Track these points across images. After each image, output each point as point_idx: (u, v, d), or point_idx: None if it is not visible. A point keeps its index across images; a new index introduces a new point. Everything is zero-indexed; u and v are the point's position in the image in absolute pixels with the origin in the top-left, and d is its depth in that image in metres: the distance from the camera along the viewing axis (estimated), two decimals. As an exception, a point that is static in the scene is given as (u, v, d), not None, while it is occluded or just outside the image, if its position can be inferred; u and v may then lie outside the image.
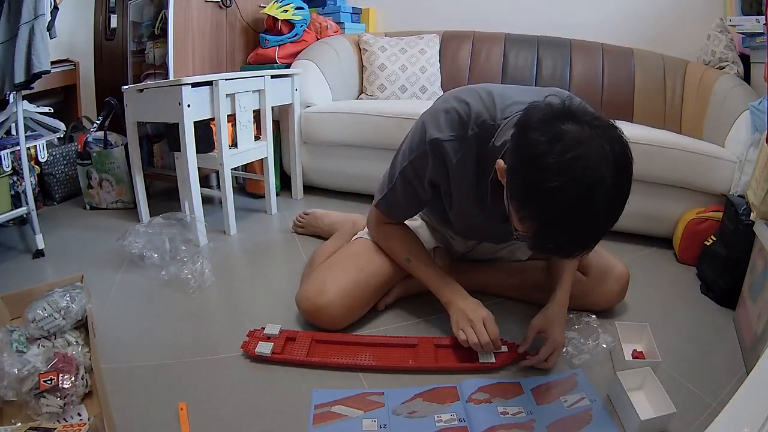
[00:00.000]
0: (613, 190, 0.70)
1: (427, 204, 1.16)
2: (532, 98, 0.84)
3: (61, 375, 0.88)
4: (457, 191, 1.04)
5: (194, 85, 1.56)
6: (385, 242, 1.21)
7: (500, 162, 0.83)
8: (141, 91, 1.68)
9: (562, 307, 1.09)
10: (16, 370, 0.87)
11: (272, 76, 1.89)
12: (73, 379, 0.89)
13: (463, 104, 0.96)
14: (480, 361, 1.02)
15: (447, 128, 0.97)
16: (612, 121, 0.75)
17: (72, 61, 2.39)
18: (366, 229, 1.33)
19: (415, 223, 1.35)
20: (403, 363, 1.04)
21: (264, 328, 1.12)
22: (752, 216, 1.20)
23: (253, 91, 1.82)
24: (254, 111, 1.85)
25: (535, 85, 2.27)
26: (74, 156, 2.10)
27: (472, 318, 1.03)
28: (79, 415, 0.88)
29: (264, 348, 1.04)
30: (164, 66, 1.97)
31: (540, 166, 0.70)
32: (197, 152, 1.62)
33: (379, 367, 1.03)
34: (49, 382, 0.86)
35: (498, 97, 0.95)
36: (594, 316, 1.14)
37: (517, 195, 0.76)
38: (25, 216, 1.62)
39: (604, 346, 1.07)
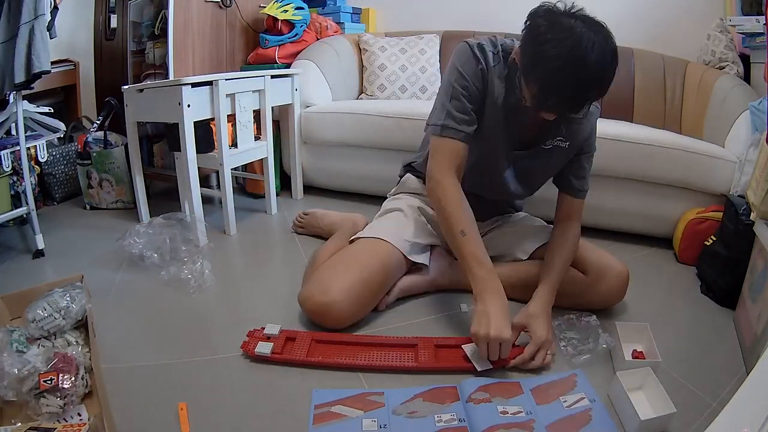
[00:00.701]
0: (598, 62, 0.90)
1: (475, 122, 1.14)
2: None
3: (61, 375, 0.88)
4: (489, 109, 1.14)
5: (194, 85, 1.56)
6: (442, 203, 1.12)
7: (517, 48, 1.03)
8: (141, 91, 1.68)
9: (543, 303, 1.10)
10: (16, 370, 0.87)
11: (272, 76, 1.89)
12: (73, 379, 0.89)
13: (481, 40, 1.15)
14: (478, 370, 1.01)
15: (477, 41, 1.14)
16: (603, 23, 0.96)
17: (72, 61, 2.39)
18: (366, 229, 1.33)
19: (419, 218, 1.35)
20: (404, 363, 1.04)
21: (264, 328, 1.11)
22: (752, 216, 1.20)
23: (253, 91, 1.82)
24: (254, 111, 1.85)
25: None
26: (74, 156, 2.10)
27: (494, 337, 0.98)
28: (79, 415, 0.88)
29: (264, 348, 1.04)
30: (164, 66, 1.97)
31: (541, 41, 0.92)
32: (197, 152, 1.62)
33: (379, 367, 1.03)
34: (49, 382, 0.86)
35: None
36: (594, 315, 1.14)
37: (524, 65, 0.97)
38: (25, 216, 1.62)
39: (604, 346, 1.07)
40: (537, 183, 1.31)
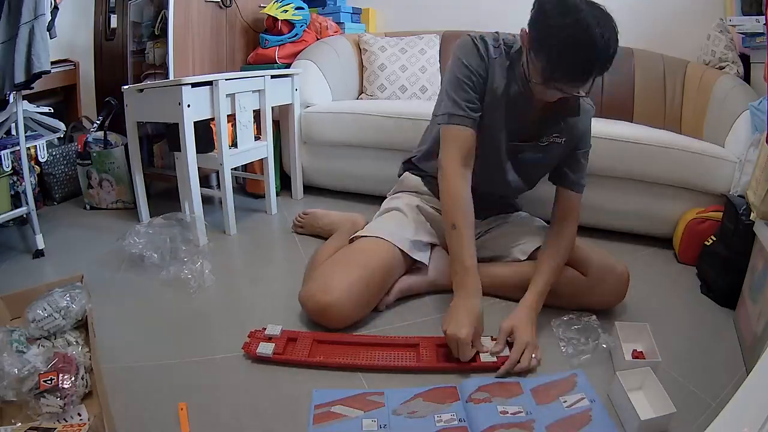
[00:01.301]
0: (604, 36, 0.94)
1: (480, 109, 1.16)
2: None
3: (61, 375, 0.88)
4: (490, 99, 1.16)
5: (194, 85, 1.56)
6: (443, 195, 1.15)
7: (523, 28, 1.04)
8: (141, 91, 1.68)
9: (529, 308, 1.12)
10: (16, 370, 0.87)
11: (272, 76, 1.89)
12: (73, 379, 0.89)
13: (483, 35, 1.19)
14: (482, 360, 1.02)
15: (480, 37, 1.17)
16: (604, 7, 0.98)
17: (72, 61, 2.39)
18: (365, 228, 1.33)
19: (418, 217, 1.35)
20: (405, 363, 1.04)
21: (265, 329, 1.11)
22: (752, 216, 1.20)
23: (253, 91, 1.82)
24: (254, 111, 1.85)
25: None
26: (74, 156, 2.10)
27: (450, 335, 1.01)
28: (79, 415, 0.88)
29: (265, 348, 1.04)
30: (164, 66, 1.97)
31: (550, 16, 0.96)
32: (197, 152, 1.62)
33: (380, 366, 1.03)
34: (49, 382, 0.86)
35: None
36: (594, 315, 1.14)
37: (533, 39, 1.00)
38: (25, 216, 1.62)
39: (604, 346, 1.07)
40: (535, 177, 1.31)
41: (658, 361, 1.00)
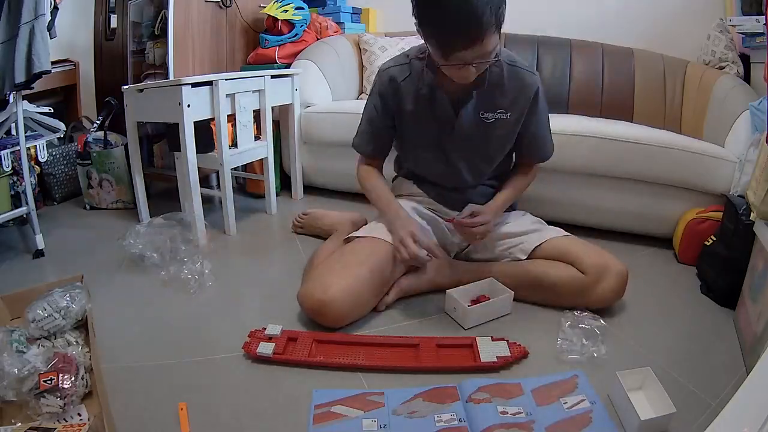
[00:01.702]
0: None
1: (388, 136, 1.37)
2: None
3: (61, 375, 0.88)
4: (410, 114, 1.28)
5: (194, 85, 1.56)
6: (361, 183, 1.42)
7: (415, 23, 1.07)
8: (141, 91, 1.68)
9: (495, 207, 1.31)
10: (16, 370, 0.87)
11: (272, 76, 1.89)
12: (73, 379, 0.89)
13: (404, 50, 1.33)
14: (482, 360, 1.03)
15: (391, 61, 1.31)
16: None
17: (72, 61, 2.39)
18: (362, 229, 1.33)
19: (416, 218, 1.35)
20: (405, 363, 1.04)
21: (265, 329, 1.12)
22: (752, 216, 1.20)
23: (253, 91, 1.82)
24: (254, 111, 1.85)
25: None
26: (74, 156, 2.10)
27: (402, 235, 1.19)
28: (79, 415, 0.88)
29: (266, 348, 1.04)
30: (164, 66, 1.97)
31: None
32: (197, 152, 1.62)
33: (381, 367, 1.03)
34: (49, 382, 0.86)
35: None
36: (597, 316, 1.14)
37: (418, 28, 1.06)
38: (25, 216, 1.62)
39: (605, 347, 1.07)
40: (488, 158, 1.35)
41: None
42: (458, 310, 1.20)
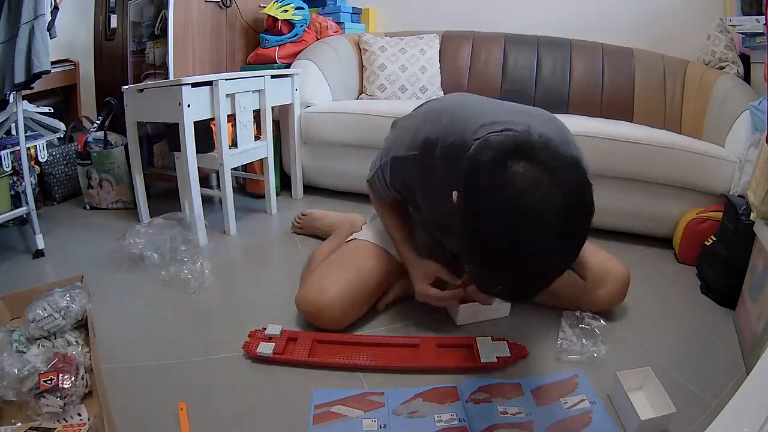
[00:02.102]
0: (556, 243, 0.66)
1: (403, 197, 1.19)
2: (511, 118, 0.87)
3: (61, 375, 0.88)
4: (425, 201, 1.12)
5: (194, 85, 1.56)
6: (383, 221, 1.26)
7: (455, 193, 0.77)
8: (141, 91, 1.68)
9: None
10: (16, 370, 0.87)
11: (272, 76, 1.88)
12: (73, 379, 0.89)
13: (433, 125, 0.98)
14: (482, 360, 1.03)
15: (413, 147, 1.01)
16: (578, 156, 0.72)
17: (72, 61, 2.39)
18: (362, 229, 1.33)
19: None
20: (406, 363, 1.04)
21: (265, 329, 1.12)
22: (752, 216, 1.20)
23: (253, 91, 1.82)
24: (254, 111, 1.85)
25: (535, 86, 2.27)
26: (74, 156, 2.09)
27: (429, 271, 1.13)
28: (79, 415, 0.88)
29: (266, 348, 1.04)
30: (164, 66, 1.97)
31: (476, 214, 0.68)
32: (197, 152, 1.62)
33: (381, 367, 1.03)
34: (49, 382, 0.86)
35: (473, 116, 0.95)
36: (598, 316, 1.14)
37: (463, 242, 0.74)
38: (25, 216, 1.62)
39: (605, 347, 1.07)
40: None
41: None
42: (451, 306, 1.20)
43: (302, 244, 1.67)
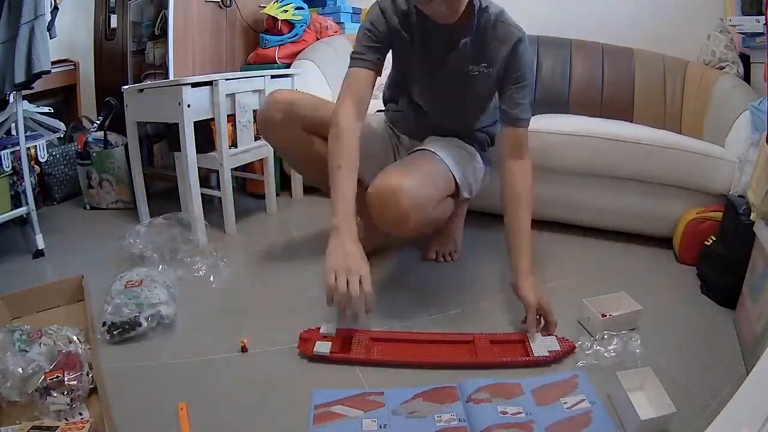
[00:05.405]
0: None
1: (381, 52, 1.27)
2: None
3: (66, 372, 0.88)
4: (403, 45, 1.27)
5: (194, 85, 1.56)
6: (330, 136, 1.18)
7: None
8: (141, 91, 1.68)
9: (524, 273, 1.16)
10: (20, 369, 0.88)
11: (272, 76, 1.89)
12: (79, 374, 0.89)
13: None
14: (535, 355, 1.04)
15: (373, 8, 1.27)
16: None
17: (72, 61, 2.39)
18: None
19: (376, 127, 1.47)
20: (464, 359, 1.05)
21: (319, 328, 1.11)
22: (752, 216, 1.20)
23: (253, 91, 1.82)
24: (254, 111, 1.85)
25: (535, 86, 2.27)
26: (74, 156, 2.10)
27: (351, 267, 1.03)
28: (80, 414, 0.88)
29: (323, 347, 1.05)
30: (164, 66, 1.97)
31: None
32: (197, 152, 1.62)
33: (438, 363, 1.04)
34: (56, 379, 0.86)
35: None
36: (639, 339, 1.13)
37: None
38: (25, 216, 1.62)
39: (605, 347, 1.07)
40: (470, 107, 1.39)
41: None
42: (591, 320, 1.16)
43: (302, 244, 1.67)
